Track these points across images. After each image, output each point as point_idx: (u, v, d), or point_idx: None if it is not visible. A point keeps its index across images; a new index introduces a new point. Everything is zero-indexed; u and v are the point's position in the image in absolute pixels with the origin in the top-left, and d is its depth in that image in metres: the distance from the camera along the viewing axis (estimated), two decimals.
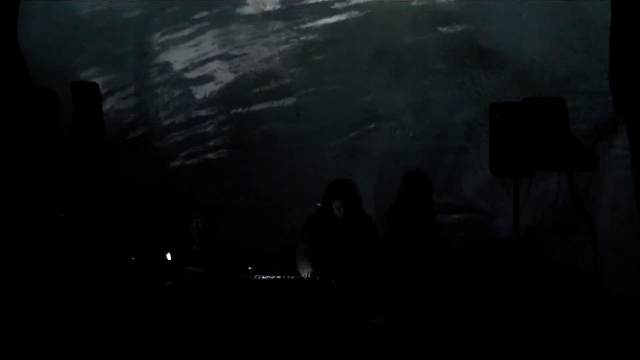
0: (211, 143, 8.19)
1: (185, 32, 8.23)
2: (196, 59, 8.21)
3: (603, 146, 6.90)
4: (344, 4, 7.77)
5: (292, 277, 6.15)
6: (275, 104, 7.99)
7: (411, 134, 7.47)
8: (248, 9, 8.07)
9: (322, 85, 7.86)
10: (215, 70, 8.16)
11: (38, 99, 6.64)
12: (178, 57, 8.26)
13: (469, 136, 7.35)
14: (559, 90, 6.76)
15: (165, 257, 6.78)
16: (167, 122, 8.30)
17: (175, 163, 8.25)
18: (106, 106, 7.85)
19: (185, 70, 8.24)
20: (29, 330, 5.91)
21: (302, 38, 7.90)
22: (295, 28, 7.91)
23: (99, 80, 7.43)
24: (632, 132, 6.23)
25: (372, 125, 7.70)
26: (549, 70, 7.11)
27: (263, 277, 6.09)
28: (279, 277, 6.11)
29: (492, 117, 6.07)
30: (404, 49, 7.60)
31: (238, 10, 8.08)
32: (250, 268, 6.10)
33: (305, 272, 6.18)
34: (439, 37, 7.50)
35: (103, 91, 7.40)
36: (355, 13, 7.76)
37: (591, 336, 6.02)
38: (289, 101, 7.96)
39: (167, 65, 8.28)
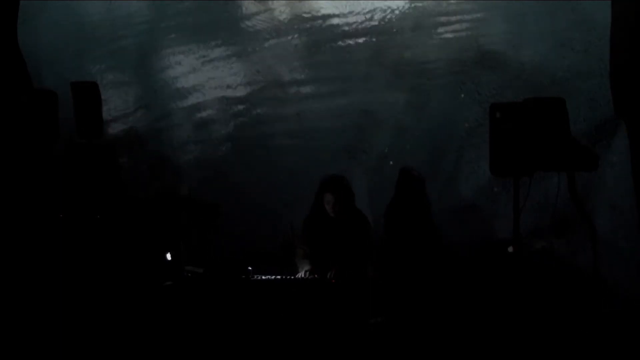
0: (211, 143, 8.18)
1: (187, 33, 8.23)
2: (197, 60, 8.20)
3: (603, 146, 6.90)
4: (345, 6, 7.76)
5: (292, 277, 6.16)
6: (276, 104, 7.99)
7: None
8: (250, 10, 8.07)
9: (322, 86, 7.86)
10: (215, 71, 8.16)
11: (38, 99, 6.65)
12: (179, 58, 8.26)
13: (469, 136, 7.35)
14: (559, 90, 6.76)
15: (165, 257, 6.78)
16: (167, 122, 8.30)
17: (175, 163, 8.25)
18: (106, 106, 7.84)
19: (186, 71, 8.24)
20: (29, 330, 5.91)
21: (303, 39, 7.89)
22: (297, 30, 7.91)
23: (99, 80, 7.43)
24: (632, 132, 6.25)
25: (372, 126, 7.70)
26: (549, 70, 7.11)
27: (263, 277, 6.09)
28: (279, 277, 6.11)
29: (492, 117, 6.07)
30: (404, 49, 7.60)
31: (240, 12, 8.08)
32: (250, 268, 6.11)
33: (304, 271, 6.18)
34: (439, 37, 7.50)
35: (103, 91, 7.39)
36: (355, 14, 7.76)
37: (591, 336, 6.02)
38: (289, 101, 7.96)
39: (168, 66, 8.28)
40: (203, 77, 8.20)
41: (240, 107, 8.11)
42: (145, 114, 8.40)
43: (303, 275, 6.15)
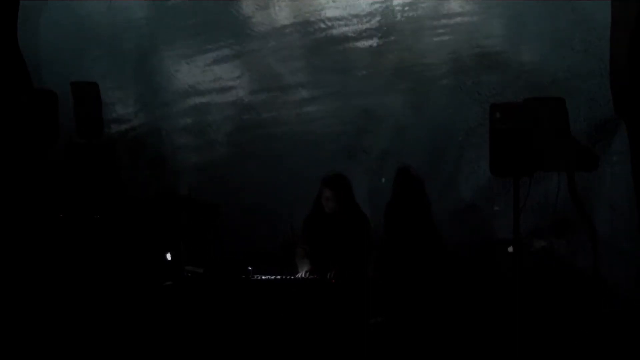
0: (211, 143, 8.18)
1: (187, 33, 8.23)
2: (197, 60, 8.20)
3: (603, 146, 6.90)
4: (345, 6, 7.77)
5: (292, 277, 6.15)
6: (276, 104, 8.00)
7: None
8: (250, 10, 8.07)
9: (322, 86, 7.86)
10: (215, 71, 8.16)
11: (38, 99, 6.64)
12: (179, 58, 8.26)
13: (469, 136, 7.35)
14: (559, 90, 6.77)
15: (165, 257, 6.78)
16: (167, 123, 8.30)
17: (175, 163, 8.25)
18: (106, 106, 7.84)
19: (186, 71, 8.24)
20: (29, 330, 5.91)
21: (304, 39, 7.90)
22: (297, 30, 7.92)
23: (99, 81, 7.43)
24: (632, 132, 6.25)
25: (372, 126, 7.70)
26: (549, 70, 7.11)
27: (263, 277, 6.09)
28: (279, 277, 6.11)
29: (492, 117, 6.07)
30: (404, 49, 7.61)
31: (240, 12, 8.08)
32: (250, 268, 6.11)
33: (303, 271, 6.18)
34: (439, 37, 7.50)
35: (103, 91, 7.39)
36: (356, 14, 7.76)
37: (591, 336, 6.02)
38: (289, 101, 7.96)
39: (168, 66, 8.28)
40: (203, 77, 8.20)
41: (240, 107, 8.11)
42: (145, 113, 8.40)
43: (303, 276, 6.15)
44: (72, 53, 8.41)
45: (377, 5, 7.68)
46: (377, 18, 7.69)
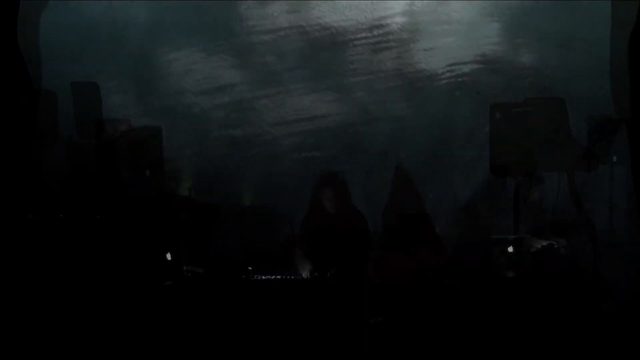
0: (211, 143, 8.18)
1: (187, 33, 8.22)
2: (196, 60, 8.20)
3: (603, 146, 6.90)
4: (345, 5, 7.77)
5: (292, 277, 6.16)
6: (275, 104, 7.99)
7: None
8: (250, 10, 8.06)
9: (321, 85, 7.86)
10: (215, 71, 8.16)
11: (38, 99, 6.64)
12: (179, 58, 8.26)
13: (469, 136, 7.35)
14: (559, 90, 6.77)
15: (165, 257, 6.77)
16: (166, 122, 8.29)
17: (175, 163, 8.25)
18: (106, 106, 7.83)
19: (186, 71, 8.24)
20: (29, 330, 5.91)
21: (303, 39, 7.90)
22: (297, 30, 7.91)
23: (99, 80, 7.42)
24: (632, 132, 6.25)
25: (372, 125, 7.70)
26: (549, 70, 7.12)
27: (263, 277, 6.09)
28: (279, 277, 6.11)
29: (492, 117, 6.08)
30: (404, 48, 7.61)
31: (240, 12, 8.08)
32: (250, 268, 6.11)
33: (305, 272, 6.19)
34: (439, 37, 7.51)
35: (103, 91, 7.38)
36: (355, 14, 7.76)
37: (592, 335, 6.02)
38: (288, 101, 7.96)
39: (168, 65, 8.28)
40: (202, 76, 8.19)
41: (240, 106, 8.11)
42: (145, 113, 8.39)
43: (306, 276, 6.17)
44: (72, 53, 8.40)
45: (376, 5, 7.68)
46: (377, 18, 7.69)
